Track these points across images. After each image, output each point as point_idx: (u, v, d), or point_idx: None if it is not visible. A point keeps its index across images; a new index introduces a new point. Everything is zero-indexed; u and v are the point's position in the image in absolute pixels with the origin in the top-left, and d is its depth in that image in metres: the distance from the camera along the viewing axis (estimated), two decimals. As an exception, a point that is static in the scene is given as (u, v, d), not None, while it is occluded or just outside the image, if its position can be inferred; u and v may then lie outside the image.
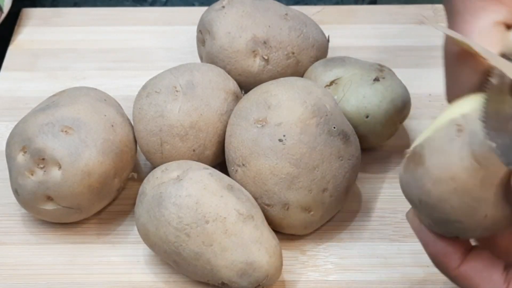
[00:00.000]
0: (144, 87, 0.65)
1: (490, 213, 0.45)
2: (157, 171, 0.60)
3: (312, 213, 0.60)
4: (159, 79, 0.65)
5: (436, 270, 0.62)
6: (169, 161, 0.62)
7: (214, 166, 0.63)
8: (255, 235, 0.58)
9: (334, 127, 0.61)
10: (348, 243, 0.64)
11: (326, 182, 0.60)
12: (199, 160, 0.63)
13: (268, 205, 0.60)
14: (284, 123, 0.60)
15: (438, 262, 0.50)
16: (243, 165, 0.61)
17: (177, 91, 0.63)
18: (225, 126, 0.64)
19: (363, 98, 0.65)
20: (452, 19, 0.49)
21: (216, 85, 0.64)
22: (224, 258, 0.57)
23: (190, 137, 0.63)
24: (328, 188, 0.60)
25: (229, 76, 0.66)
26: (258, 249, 0.57)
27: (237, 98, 0.65)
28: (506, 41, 0.47)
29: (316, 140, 0.60)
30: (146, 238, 0.59)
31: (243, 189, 0.60)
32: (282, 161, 0.59)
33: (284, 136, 0.60)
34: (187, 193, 0.57)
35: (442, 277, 0.61)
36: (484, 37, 0.47)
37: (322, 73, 0.67)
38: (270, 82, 0.63)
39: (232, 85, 0.66)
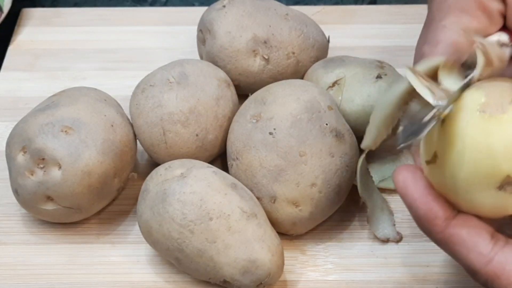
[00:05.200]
0: (137, 86, 0.66)
1: None
2: (161, 169, 0.60)
3: (300, 208, 0.60)
4: (151, 76, 0.66)
5: (436, 270, 0.62)
6: (174, 150, 0.63)
7: (219, 160, 0.64)
8: (258, 233, 0.58)
9: (326, 124, 0.61)
10: (348, 243, 0.64)
11: (315, 177, 0.60)
12: (203, 145, 0.64)
13: (257, 198, 0.60)
14: (275, 117, 0.61)
15: (423, 225, 0.49)
16: (237, 158, 0.61)
17: (170, 82, 0.64)
18: (223, 110, 0.64)
19: (368, 97, 0.65)
20: (429, 24, 0.54)
21: (208, 73, 0.65)
22: (227, 255, 0.57)
23: (191, 122, 0.63)
24: (317, 183, 0.60)
25: (218, 67, 0.67)
26: (261, 247, 0.57)
27: (229, 86, 0.66)
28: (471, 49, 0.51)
29: (306, 135, 0.60)
30: (149, 235, 0.59)
31: (246, 188, 0.60)
32: (271, 153, 0.60)
33: (274, 129, 0.60)
34: (191, 190, 0.57)
35: (442, 277, 0.61)
36: (453, 44, 0.52)
37: (323, 74, 0.67)
38: (275, 83, 0.64)
39: (223, 74, 0.67)
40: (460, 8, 0.53)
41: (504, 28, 0.55)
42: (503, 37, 0.54)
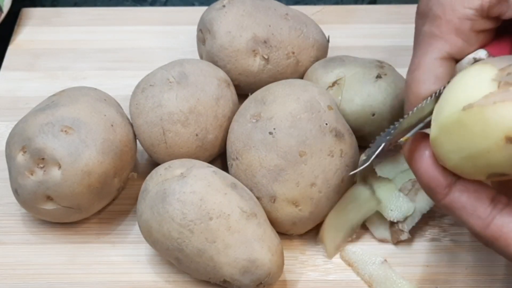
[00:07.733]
0: (137, 86, 0.66)
1: None
2: (160, 169, 0.60)
3: (300, 207, 0.60)
4: (151, 75, 0.66)
5: (435, 270, 0.62)
6: (174, 150, 0.63)
7: (219, 160, 0.64)
8: (258, 233, 0.58)
9: (326, 124, 0.61)
10: (348, 243, 0.64)
11: (315, 177, 0.60)
12: (203, 145, 0.64)
13: (257, 198, 0.60)
14: (275, 117, 0.61)
15: (428, 193, 0.52)
16: (237, 158, 0.61)
17: (170, 82, 0.64)
18: (223, 110, 0.64)
19: (367, 96, 0.65)
20: (413, 50, 0.56)
21: (208, 73, 0.65)
22: (227, 255, 0.57)
23: (191, 121, 0.63)
24: (317, 183, 0.60)
25: (218, 67, 0.67)
26: (261, 246, 0.57)
27: (229, 86, 0.66)
28: (454, 71, 0.54)
29: (306, 134, 0.60)
30: (149, 235, 0.59)
31: (245, 188, 0.60)
32: (271, 153, 0.60)
33: (274, 129, 0.60)
34: (191, 189, 0.57)
35: (441, 277, 0.61)
36: (429, 70, 0.53)
37: (323, 74, 0.67)
38: (275, 83, 0.64)
39: (222, 74, 0.67)
40: (430, 34, 0.54)
41: (496, 41, 0.56)
42: (480, 53, 0.55)
